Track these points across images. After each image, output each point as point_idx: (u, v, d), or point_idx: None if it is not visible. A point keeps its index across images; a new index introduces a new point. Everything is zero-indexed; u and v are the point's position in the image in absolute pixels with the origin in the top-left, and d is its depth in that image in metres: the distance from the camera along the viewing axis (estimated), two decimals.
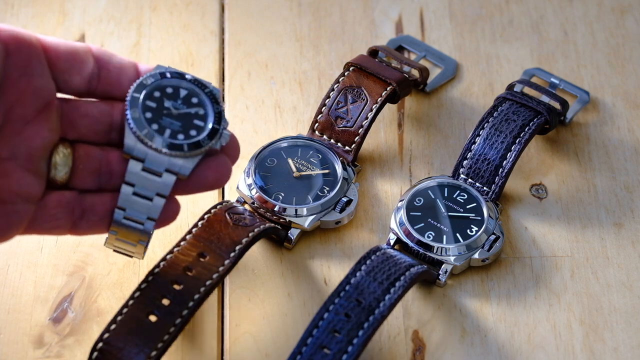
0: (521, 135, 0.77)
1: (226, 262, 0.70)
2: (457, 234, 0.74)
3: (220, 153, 0.66)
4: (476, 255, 0.74)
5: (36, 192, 0.64)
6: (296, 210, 0.75)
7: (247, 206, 0.76)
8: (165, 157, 0.65)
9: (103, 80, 0.66)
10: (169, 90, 0.66)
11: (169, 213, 0.66)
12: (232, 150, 0.67)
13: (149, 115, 0.65)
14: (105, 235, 0.67)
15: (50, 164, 0.64)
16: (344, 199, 0.76)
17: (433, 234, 0.74)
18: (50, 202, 0.65)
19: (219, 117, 0.66)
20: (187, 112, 0.66)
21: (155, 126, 0.65)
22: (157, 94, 0.66)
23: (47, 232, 0.65)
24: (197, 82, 0.67)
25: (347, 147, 0.78)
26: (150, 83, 0.66)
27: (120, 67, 0.66)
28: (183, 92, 0.66)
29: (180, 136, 0.65)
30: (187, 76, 0.67)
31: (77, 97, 0.66)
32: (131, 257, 0.69)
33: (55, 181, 0.65)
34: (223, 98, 0.84)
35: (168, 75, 0.66)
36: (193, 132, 0.65)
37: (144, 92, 0.65)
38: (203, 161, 0.66)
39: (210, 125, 0.66)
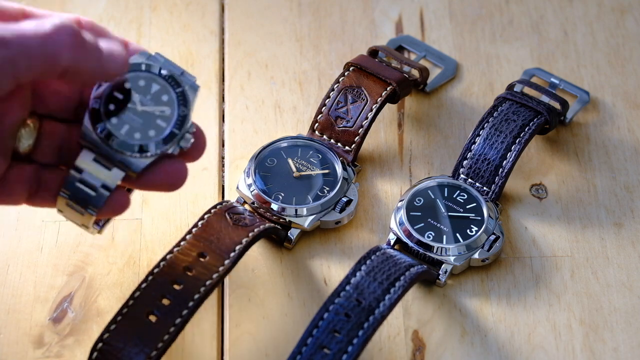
0: (521, 135, 0.77)
1: (226, 262, 0.70)
2: (457, 234, 0.74)
3: (179, 157, 0.66)
4: (476, 255, 0.74)
5: (0, 172, 0.65)
6: (296, 210, 0.75)
7: (247, 206, 0.76)
8: (117, 153, 0.65)
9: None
10: (142, 82, 0.66)
11: (115, 205, 0.66)
12: (194, 150, 0.67)
13: (111, 107, 0.65)
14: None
15: (16, 136, 0.65)
16: (344, 199, 0.76)
17: (433, 234, 0.74)
18: (10, 177, 0.65)
19: (182, 121, 0.65)
20: (152, 110, 0.66)
21: (114, 120, 0.65)
22: (127, 85, 0.66)
23: (1, 203, 0.66)
24: (172, 80, 0.66)
25: (347, 147, 0.78)
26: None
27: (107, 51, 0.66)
28: (155, 88, 0.66)
29: (137, 135, 0.65)
30: (162, 71, 0.66)
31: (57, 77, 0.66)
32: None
33: (18, 152, 0.65)
34: (223, 98, 0.84)
35: (143, 67, 0.66)
36: (151, 133, 0.65)
37: (114, 82, 0.65)
38: (159, 162, 0.65)
39: (169, 130, 0.65)
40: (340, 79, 0.80)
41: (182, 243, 0.71)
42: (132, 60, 0.66)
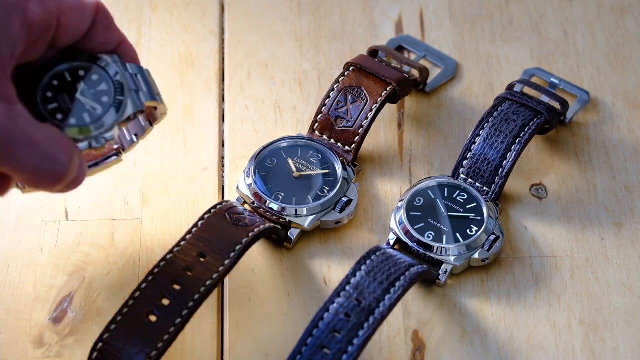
0: (521, 135, 0.77)
1: (226, 262, 0.70)
2: (457, 234, 0.74)
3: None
4: (476, 255, 0.74)
5: None
6: (296, 210, 0.75)
7: (247, 206, 0.76)
8: None
9: (85, 43, 0.67)
10: (95, 77, 0.67)
11: None
12: (74, 182, 0.66)
13: (55, 82, 0.66)
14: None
15: None
16: (344, 199, 0.76)
17: (433, 234, 0.74)
18: None
19: (98, 120, 0.66)
20: (85, 102, 0.66)
21: (49, 94, 0.65)
22: (81, 72, 0.67)
23: None
24: (119, 87, 0.67)
25: (347, 147, 0.78)
26: (85, 59, 0.67)
27: (104, 42, 0.67)
28: (102, 87, 0.67)
29: (59, 116, 0.65)
30: (116, 77, 0.67)
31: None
32: None
33: None
34: (223, 98, 0.84)
35: (103, 64, 0.67)
36: (72, 120, 0.65)
37: (72, 64, 0.66)
38: None
39: (87, 124, 0.66)
40: (340, 79, 0.80)
41: (182, 243, 0.71)
42: (106, 56, 0.67)
